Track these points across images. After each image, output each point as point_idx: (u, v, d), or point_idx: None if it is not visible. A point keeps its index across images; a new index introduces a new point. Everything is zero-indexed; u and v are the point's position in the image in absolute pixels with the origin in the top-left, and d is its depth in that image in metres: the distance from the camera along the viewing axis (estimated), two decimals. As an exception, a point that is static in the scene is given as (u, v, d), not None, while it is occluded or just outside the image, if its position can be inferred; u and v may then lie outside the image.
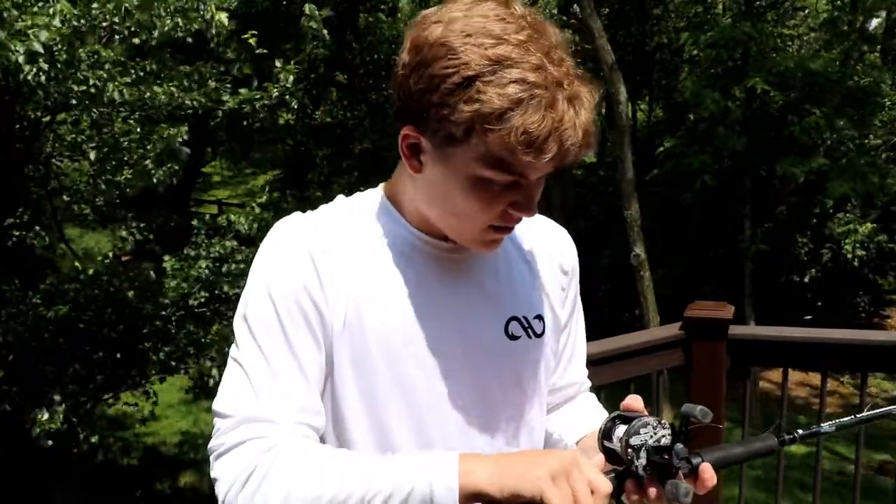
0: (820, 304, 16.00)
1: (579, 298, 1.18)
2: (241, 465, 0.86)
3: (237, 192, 22.23)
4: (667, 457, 0.84)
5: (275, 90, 6.04)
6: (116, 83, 5.25)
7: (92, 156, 6.26)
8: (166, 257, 6.45)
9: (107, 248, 9.84)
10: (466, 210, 0.92)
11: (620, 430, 0.88)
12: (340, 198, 1.06)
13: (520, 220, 0.95)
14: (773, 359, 2.37)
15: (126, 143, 5.90)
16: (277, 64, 6.03)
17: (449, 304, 1.00)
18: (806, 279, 15.86)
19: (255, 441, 0.87)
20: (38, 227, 6.30)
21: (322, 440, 0.97)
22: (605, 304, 16.92)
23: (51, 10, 4.72)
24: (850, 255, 14.51)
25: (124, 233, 7.36)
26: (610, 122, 15.79)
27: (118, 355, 7.80)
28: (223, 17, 5.18)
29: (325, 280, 0.95)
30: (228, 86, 6.24)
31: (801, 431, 0.98)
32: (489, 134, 0.83)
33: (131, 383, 8.17)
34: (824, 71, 11.74)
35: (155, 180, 6.13)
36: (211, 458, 0.90)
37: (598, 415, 1.16)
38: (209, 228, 6.76)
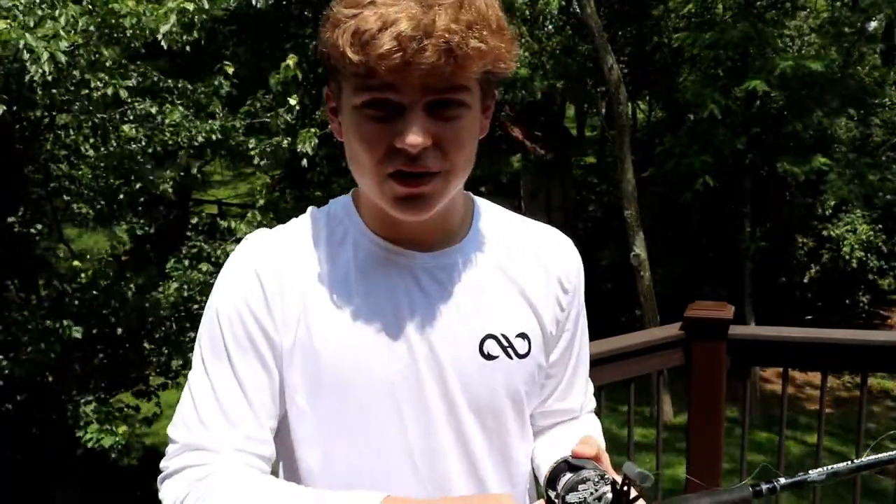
0: (820, 304, 16.00)
1: (584, 317, 1.08)
2: (177, 491, 0.87)
3: (237, 192, 22.24)
4: None
5: (310, 137, 5.90)
6: (117, 84, 5.23)
7: (92, 155, 6.25)
8: (169, 262, 6.44)
9: (105, 247, 9.85)
10: (357, 154, 0.87)
11: (563, 480, 0.82)
12: (311, 209, 1.02)
13: (414, 158, 0.84)
14: (773, 359, 2.37)
15: (130, 151, 5.86)
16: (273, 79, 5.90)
17: (414, 320, 0.93)
18: (806, 279, 15.86)
19: (193, 469, 0.87)
20: (38, 227, 6.27)
21: (276, 465, 0.95)
22: (605, 304, 16.92)
23: (57, 13, 4.71)
24: (848, 256, 14.51)
25: (125, 234, 7.35)
26: (610, 122, 15.82)
27: (117, 356, 7.81)
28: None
29: (273, 300, 0.91)
30: (243, 118, 6.13)
31: (783, 480, 0.87)
32: (328, 43, 0.83)
33: (130, 383, 8.18)
34: (824, 71, 11.74)
35: (159, 190, 6.06)
36: (158, 480, 0.91)
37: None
38: (209, 228, 6.74)
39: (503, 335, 0.97)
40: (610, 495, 0.77)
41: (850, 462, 0.92)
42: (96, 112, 5.73)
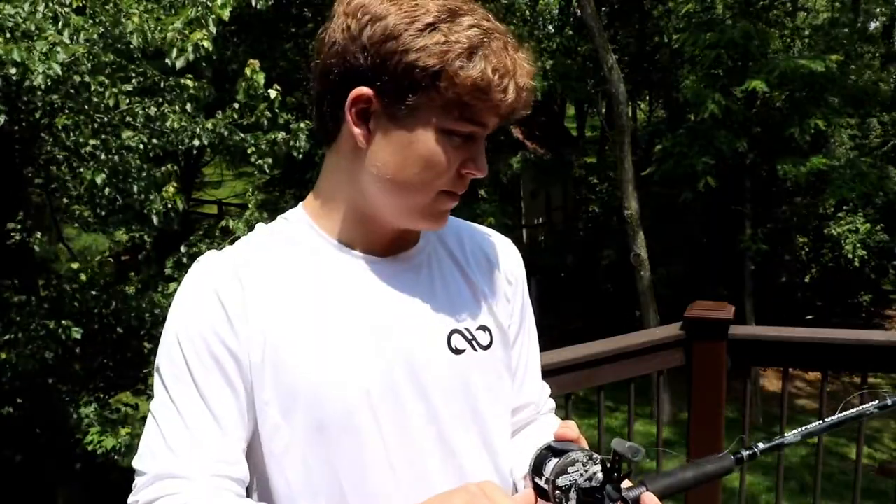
0: (820, 303, 16.01)
1: (529, 309, 1.12)
2: None
3: (237, 192, 22.24)
4: (599, 496, 0.77)
5: (302, 131, 5.85)
6: (117, 89, 5.21)
7: (91, 161, 6.24)
8: (169, 267, 6.42)
9: (104, 247, 9.84)
10: (424, 171, 0.88)
11: (550, 465, 0.81)
12: (260, 226, 1.00)
13: (468, 184, 0.93)
14: (773, 359, 2.36)
15: (130, 158, 5.84)
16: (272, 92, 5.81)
17: (382, 324, 0.93)
18: (806, 279, 15.87)
19: (168, 498, 0.85)
20: (38, 234, 6.25)
21: (250, 485, 0.93)
22: (605, 304, 16.93)
23: (60, 25, 4.69)
24: (850, 255, 14.51)
25: (125, 236, 7.34)
26: (610, 122, 15.82)
27: (117, 356, 7.82)
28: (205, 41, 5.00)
29: (235, 318, 0.89)
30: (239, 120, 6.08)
31: (761, 445, 0.90)
32: (460, 73, 0.82)
33: (130, 383, 8.18)
34: (825, 71, 11.74)
35: (154, 216, 5.97)
36: None
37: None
38: (208, 228, 6.72)
39: (466, 329, 0.99)
40: (601, 475, 0.76)
41: (821, 422, 0.94)
42: (96, 114, 5.72)
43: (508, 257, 1.09)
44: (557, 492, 0.76)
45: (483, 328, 1.01)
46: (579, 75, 16.36)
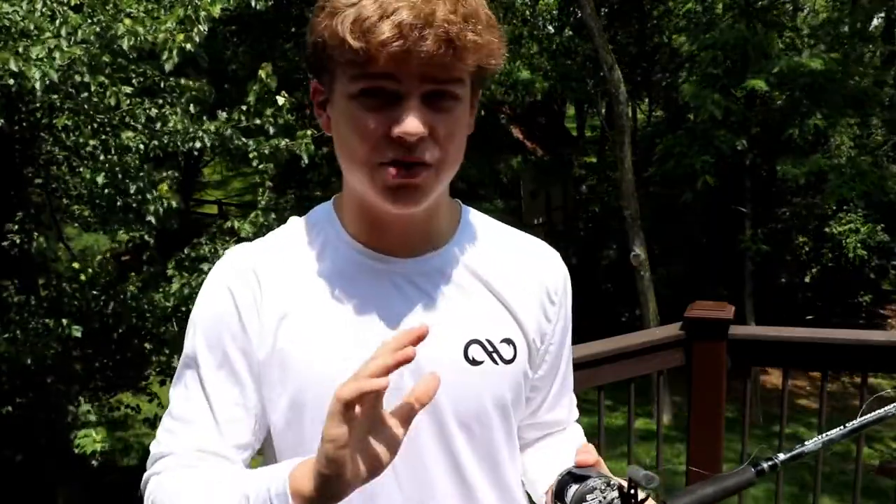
0: (820, 304, 16.02)
1: (570, 333, 1.08)
2: (145, 499, 0.93)
3: (237, 192, 22.25)
4: None
5: (306, 139, 5.85)
6: (117, 88, 5.20)
7: (90, 161, 6.23)
8: (170, 267, 6.41)
9: (105, 247, 9.84)
10: (352, 142, 0.86)
11: (570, 491, 0.83)
12: (293, 219, 1.01)
13: (410, 148, 0.83)
14: (773, 359, 2.37)
15: (129, 159, 5.84)
16: (280, 99, 5.80)
17: (396, 327, 0.92)
18: (806, 279, 15.88)
19: (154, 476, 0.93)
20: (36, 234, 6.24)
21: None
22: (605, 304, 16.94)
23: (58, 23, 4.68)
24: (851, 255, 14.51)
25: (126, 236, 7.33)
26: (610, 122, 15.82)
27: (117, 356, 7.81)
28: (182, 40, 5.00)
29: (247, 315, 0.92)
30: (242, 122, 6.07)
31: (782, 456, 0.87)
32: (327, 31, 0.82)
33: (130, 383, 8.18)
34: (824, 71, 11.74)
35: (152, 220, 5.96)
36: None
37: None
38: (215, 232, 6.69)
39: (488, 340, 0.96)
40: (619, 501, 0.77)
41: (842, 427, 0.91)
42: (96, 114, 5.71)
43: (553, 273, 1.05)
44: None
45: (507, 341, 0.97)
46: (579, 76, 16.36)
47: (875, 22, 15.90)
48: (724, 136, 12.36)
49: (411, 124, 0.82)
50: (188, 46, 4.86)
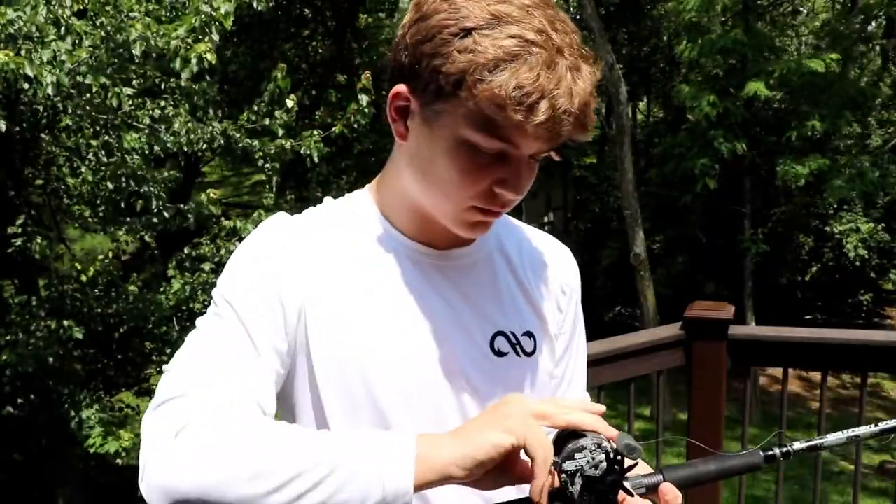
0: (820, 303, 16.01)
1: (581, 322, 1.11)
2: (175, 417, 0.77)
3: (237, 192, 22.23)
4: (600, 486, 0.77)
5: (314, 138, 5.85)
6: (119, 89, 5.20)
7: (92, 160, 6.22)
8: (171, 267, 6.41)
9: (107, 247, 9.84)
10: (449, 179, 0.86)
11: (566, 446, 0.81)
12: (328, 200, 1.02)
13: (506, 203, 0.89)
14: (773, 359, 2.37)
15: (131, 160, 5.83)
16: (289, 103, 5.78)
17: (426, 315, 0.93)
18: (807, 278, 15.86)
19: (194, 398, 0.79)
20: (38, 237, 6.24)
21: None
22: (605, 304, 16.93)
23: (62, 31, 4.68)
24: (852, 255, 14.50)
25: (127, 237, 7.34)
26: (610, 122, 15.83)
27: (119, 356, 7.82)
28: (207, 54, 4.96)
29: (289, 278, 0.89)
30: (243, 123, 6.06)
31: (797, 444, 0.83)
32: (479, 86, 0.78)
33: (131, 383, 8.18)
34: (824, 71, 11.73)
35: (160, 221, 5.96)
36: (144, 416, 0.82)
37: None
38: (217, 232, 6.68)
39: (512, 332, 0.98)
40: (605, 464, 0.77)
41: (873, 426, 0.86)
42: (98, 115, 5.71)
43: (566, 267, 1.09)
44: (563, 475, 0.77)
45: (528, 334, 1.00)
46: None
47: (873, 24, 15.90)
48: (723, 138, 12.33)
49: (520, 191, 0.88)
50: (209, 57, 4.86)
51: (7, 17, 4.41)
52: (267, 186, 6.05)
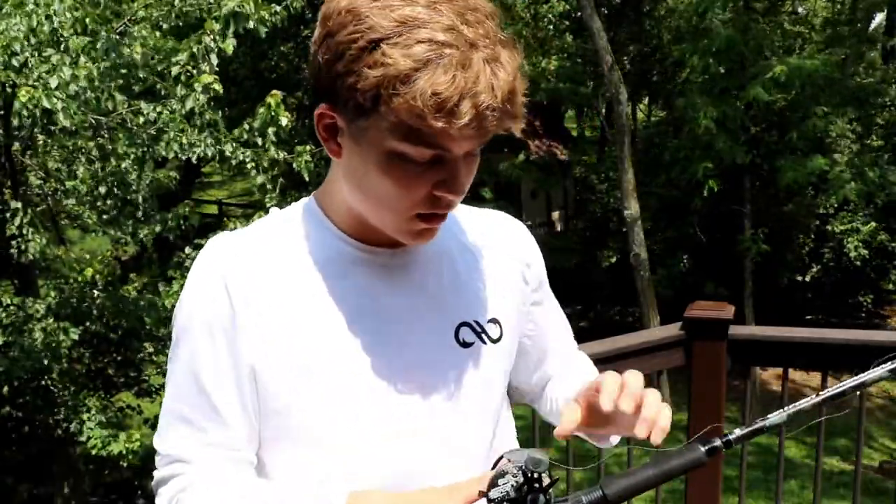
0: (820, 303, 15.99)
1: (548, 287, 1.13)
2: (163, 501, 0.92)
3: (233, 192, 22.26)
4: None
5: (305, 155, 5.84)
6: (115, 94, 5.20)
7: (85, 174, 6.24)
8: (171, 268, 6.42)
9: (107, 249, 9.84)
10: (386, 192, 0.84)
11: (486, 477, 0.81)
12: (274, 210, 1.00)
13: (449, 204, 0.87)
14: (773, 359, 2.37)
15: (125, 166, 5.83)
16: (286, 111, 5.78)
17: (387, 316, 0.93)
18: (807, 278, 15.85)
19: (176, 479, 0.91)
20: (37, 237, 6.23)
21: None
22: (605, 304, 16.93)
23: (62, 48, 4.69)
24: (852, 255, 14.49)
25: (127, 237, 7.34)
26: (610, 122, 15.82)
27: (118, 357, 7.82)
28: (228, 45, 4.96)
29: (240, 308, 0.89)
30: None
31: (738, 431, 0.80)
32: (395, 99, 0.76)
33: (131, 383, 8.18)
34: (824, 71, 11.73)
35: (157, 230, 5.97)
36: (153, 486, 0.96)
37: (589, 375, 1.14)
38: (215, 233, 6.68)
39: (476, 321, 0.98)
40: (527, 486, 0.76)
41: (813, 396, 0.85)
42: (94, 116, 5.71)
43: (521, 240, 1.09)
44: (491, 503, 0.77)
45: (493, 321, 1.00)
46: (581, 79, 16.34)
47: (874, 23, 15.91)
48: (724, 144, 12.31)
49: (460, 189, 0.85)
50: (216, 87, 4.88)
51: (9, 34, 4.42)
52: (269, 187, 6.03)
